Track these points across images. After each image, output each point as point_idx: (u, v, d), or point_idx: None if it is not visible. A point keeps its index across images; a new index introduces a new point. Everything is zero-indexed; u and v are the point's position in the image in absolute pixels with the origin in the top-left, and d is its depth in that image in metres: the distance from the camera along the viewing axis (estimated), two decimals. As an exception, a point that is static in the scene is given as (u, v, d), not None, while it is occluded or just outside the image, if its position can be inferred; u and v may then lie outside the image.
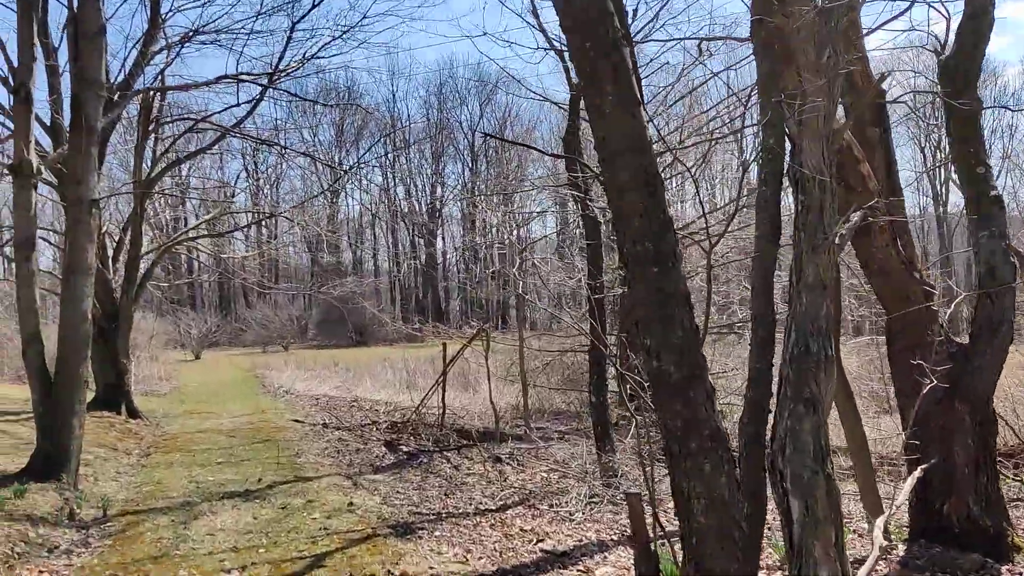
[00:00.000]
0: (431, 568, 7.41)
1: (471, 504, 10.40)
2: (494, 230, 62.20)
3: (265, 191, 67.47)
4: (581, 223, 14.45)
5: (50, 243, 21.92)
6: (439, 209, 73.81)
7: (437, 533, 8.86)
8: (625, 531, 8.96)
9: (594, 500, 10.20)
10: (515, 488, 11.24)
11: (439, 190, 74.67)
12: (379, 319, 53.71)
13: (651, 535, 6.07)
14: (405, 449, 15.05)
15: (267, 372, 33.93)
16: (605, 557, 7.84)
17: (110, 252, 19.70)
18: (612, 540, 8.54)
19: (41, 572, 7.88)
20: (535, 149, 18.58)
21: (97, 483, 11.97)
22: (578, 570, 7.37)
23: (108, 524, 9.77)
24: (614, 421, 13.30)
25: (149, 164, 20.49)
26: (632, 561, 7.56)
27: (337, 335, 56.77)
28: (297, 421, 19.28)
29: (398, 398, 23.59)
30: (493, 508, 10.11)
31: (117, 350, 18.71)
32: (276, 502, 10.57)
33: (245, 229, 41.61)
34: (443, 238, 76.03)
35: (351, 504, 10.32)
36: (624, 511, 9.85)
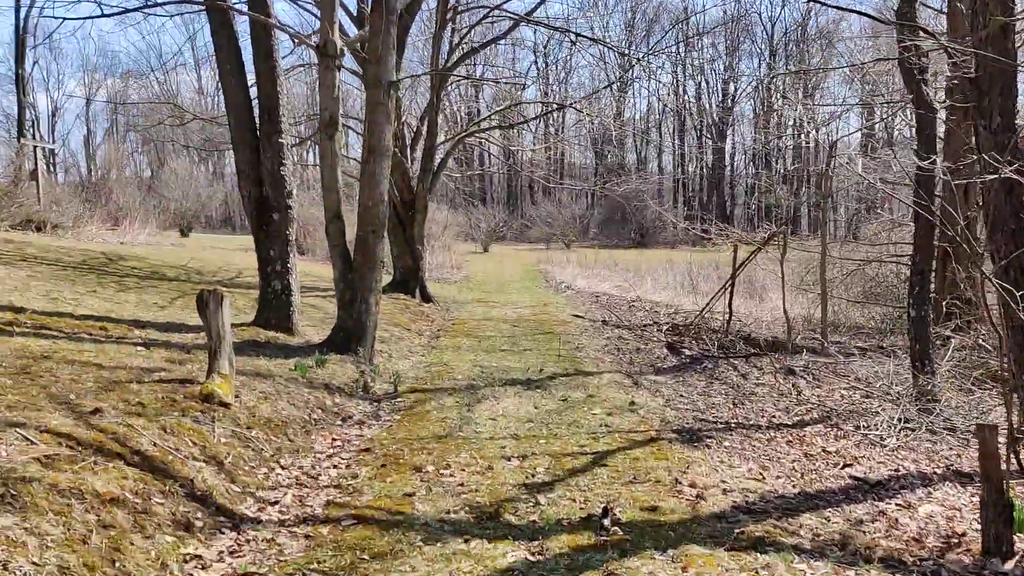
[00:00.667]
0: (723, 482, 6.70)
1: (763, 417, 9.51)
2: (789, 130, 58.25)
3: (554, 87, 67.87)
4: (906, 114, 12.50)
5: (354, 131, 23.13)
6: (731, 107, 70.33)
7: (727, 444, 8.12)
8: (950, 465, 7.67)
9: (908, 426, 8.90)
10: (812, 404, 10.16)
11: (731, 87, 70.97)
12: (661, 221, 52.72)
13: (1005, 475, 4.91)
14: (688, 352, 14.34)
15: (550, 268, 34.46)
16: (929, 493, 6.70)
17: (408, 142, 20.37)
18: (935, 474, 7.32)
19: (335, 439, 8.16)
20: (867, 15, 16.32)
21: (391, 360, 12.45)
22: (896, 504, 6.32)
23: (398, 400, 10.03)
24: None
25: (445, 54, 20.81)
26: (967, 502, 6.37)
27: (618, 235, 56.69)
28: (577, 316, 19.19)
29: (679, 301, 22.83)
30: (788, 424, 9.15)
31: (413, 237, 19.50)
32: (556, 394, 10.32)
33: (534, 121, 41.96)
34: (733, 139, 72.65)
35: (632, 403, 9.82)
36: (945, 442, 8.50)
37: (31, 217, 22.19)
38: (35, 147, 27.03)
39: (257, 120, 11.56)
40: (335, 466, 7.21)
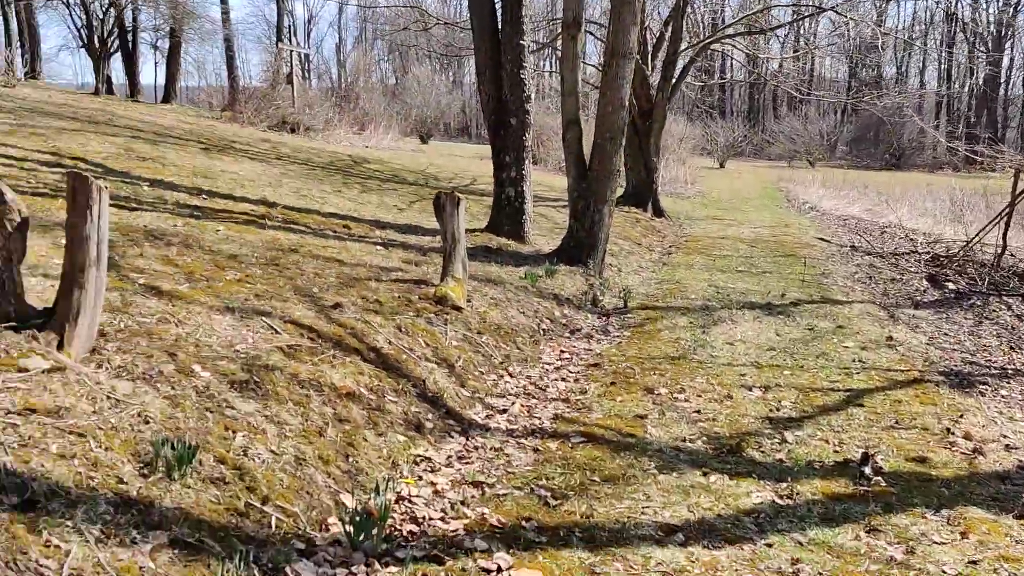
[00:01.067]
0: (1003, 436, 5.82)
1: (1049, 365, 8.26)
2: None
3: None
4: None
5: (593, 35, 22.46)
6: (1010, 17, 62.20)
7: (1003, 393, 7.10)
8: None
9: None
10: (1112, 355, 8.72)
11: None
12: (920, 142, 48.18)
13: None
14: (951, 286, 12.86)
15: (791, 187, 32.49)
16: None
17: (649, 48, 19.49)
18: None
19: (562, 351, 7.95)
20: None
21: (620, 274, 12.08)
22: None
23: (627, 315, 9.67)
24: None
25: (694, -47, 19.52)
26: None
27: (868, 156, 52.48)
28: (822, 240, 17.86)
29: (939, 230, 20.66)
30: (1083, 375, 7.88)
31: (649, 148, 18.80)
32: (801, 322, 9.53)
33: (786, 27, 39.02)
34: (1011, 52, 64.47)
35: (890, 338, 8.87)
36: None
37: (286, 119, 23.57)
38: (291, 52, 28.58)
39: (499, 22, 11.29)
40: (563, 379, 6.99)
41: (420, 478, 4.60)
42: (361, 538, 3.64)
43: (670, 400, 6.43)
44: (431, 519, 4.07)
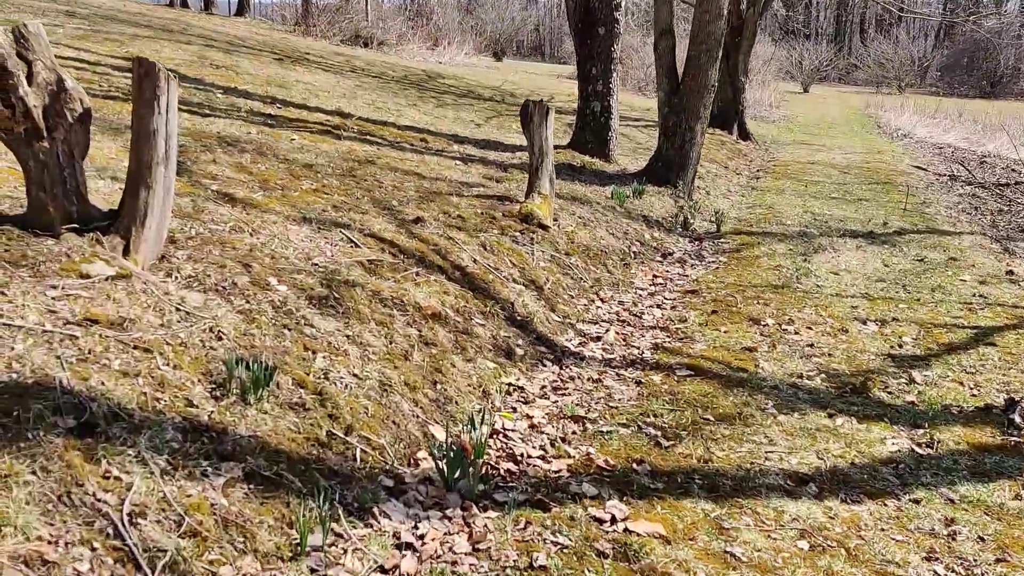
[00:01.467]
0: None
1: None
2: None
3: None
4: None
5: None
6: None
7: None
8: None
9: None
10: None
11: None
12: (1015, 69, 45.28)
13: None
14: (1068, 219, 11.85)
15: (881, 113, 30.82)
16: None
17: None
18: None
19: (655, 276, 7.38)
20: None
21: (708, 197, 11.38)
22: None
23: (721, 240, 9.02)
24: None
25: None
26: None
27: (961, 83, 49.60)
28: (918, 168, 16.76)
29: (1044, 160, 19.25)
30: None
31: (737, 66, 17.72)
32: (909, 252, 8.77)
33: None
34: None
35: (1010, 272, 8.08)
36: None
37: (359, 32, 22.94)
38: (365, -35, 27.75)
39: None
40: (659, 306, 6.43)
41: (514, 410, 4.14)
42: (456, 476, 3.19)
43: (778, 332, 5.84)
44: (530, 457, 3.61)
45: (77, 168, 3.89)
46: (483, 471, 3.37)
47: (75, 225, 3.87)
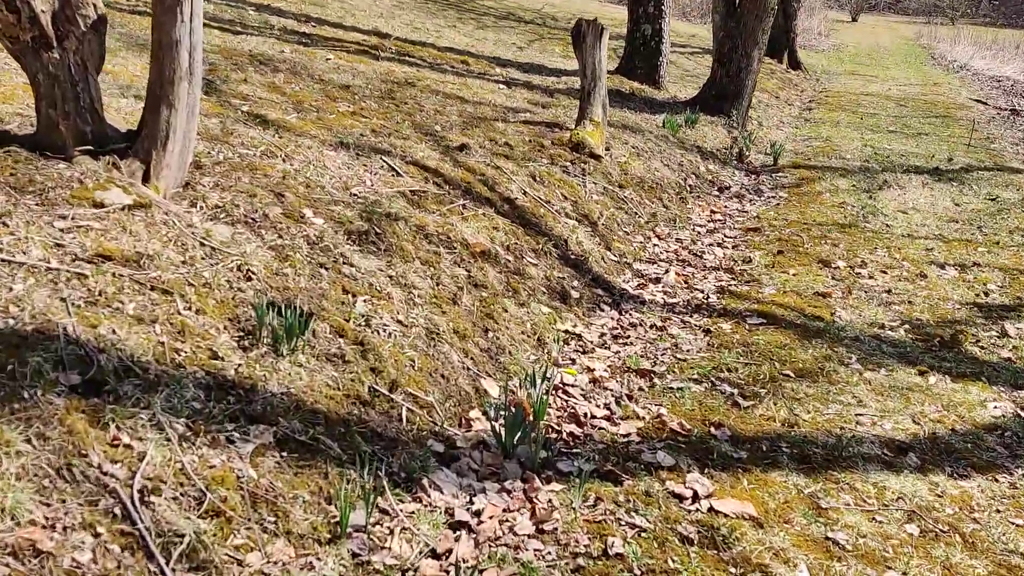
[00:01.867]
0: None
1: None
2: None
3: None
4: None
5: None
6: None
7: None
8: None
9: None
10: None
11: None
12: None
13: None
14: None
15: (934, 43, 29.41)
16: None
17: None
18: None
19: (713, 212, 6.85)
20: None
21: (761, 128, 10.72)
22: None
23: (779, 174, 8.42)
24: None
25: None
26: None
27: (1019, 14, 47.26)
28: (978, 101, 15.82)
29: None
30: None
31: (789, -10, 16.73)
32: (979, 191, 8.14)
33: None
34: None
35: (1094, 215, 7.44)
36: None
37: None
38: None
39: None
40: (719, 245, 5.93)
41: (573, 361, 3.71)
42: (515, 441, 2.78)
43: (851, 276, 5.33)
44: (594, 418, 3.19)
45: (91, 82, 3.44)
46: (544, 434, 2.95)
47: (89, 147, 3.44)
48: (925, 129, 12.13)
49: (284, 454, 2.38)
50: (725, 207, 7.01)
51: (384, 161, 4.69)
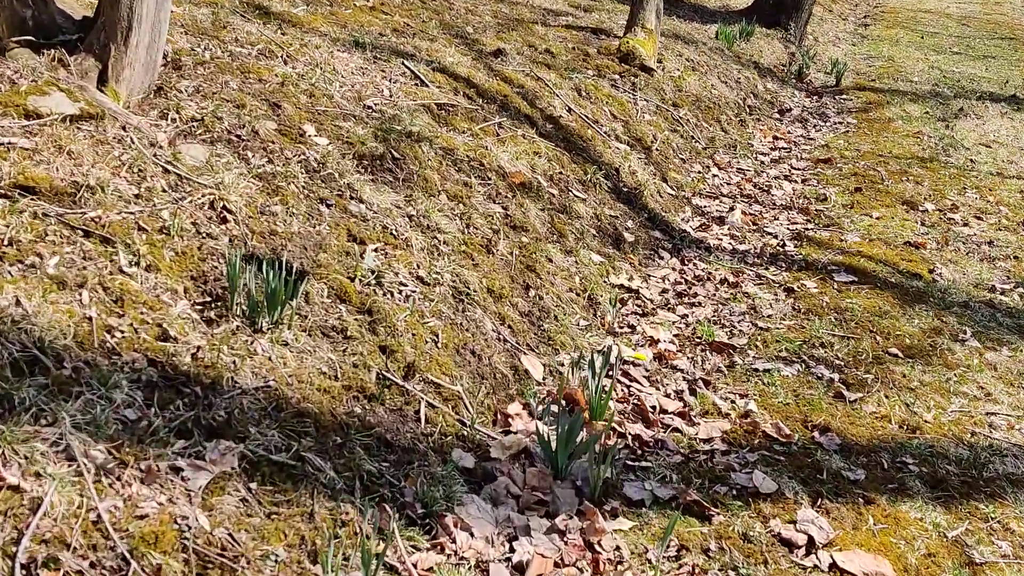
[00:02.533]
0: None
1: None
2: None
3: None
4: None
5: None
6: None
7: None
8: None
9: None
10: None
11: None
12: None
13: None
14: None
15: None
16: None
17: None
18: None
19: (776, 137, 5.97)
20: None
21: (818, 44, 9.66)
22: None
23: (843, 97, 7.47)
24: None
25: None
26: None
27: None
28: (1045, 22, 14.52)
29: None
30: None
31: None
32: (1066, 123, 7.17)
33: None
34: None
35: None
36: None
37: None
38: None
39: None
40: (787, 177, 5.09)
41: (632, 328, 2.95)
42: (568, 455, 2.05)
43: (943, 222, 4.51)
44: (665, 412, 2.45)
45: (29, -50, 2.62)
46: (604, 439, 2.22)
47: (30, 37, 2.64)
48: (992, 52, 11.01)
49: (254, 486, 1.66)
50: (788, 132, 6.12)
51: (406, 67, 3.85)
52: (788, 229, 4.19)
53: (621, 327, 2.95)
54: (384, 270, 2.41)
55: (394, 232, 2.61)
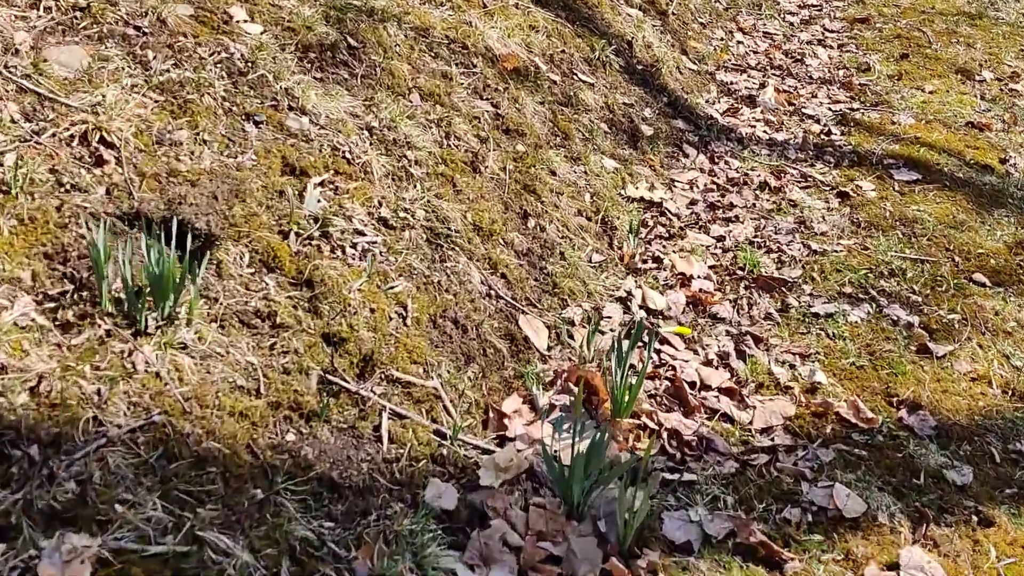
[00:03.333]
0: None
1: None
2: None
3: None
4: None
5: None
6: None
7: None
8: None
9: None
10: None
11: None
12: None
13: None
14: None
15: None
16: None
17: None
18: None
19: (803, -8, 5.07)
20: None
21: None
22: None
23: None
24: None
25: None
26: None
27: None
28: None
29: None
30: None
31: None
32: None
33: None
34: None
35: None
36: None
37: None
38: None
39: None
40: (820, 42, 4.28)
41: (658, 263, 2.29)
42: (588, 483, 1.44)
43: (1004, 94, 3.76)
44: (708, 390, 1.84)
45: None
46: (633, 443, 1.61)
47: None
48: None
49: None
50: (816, -15, 5.21)
51: (369, -80, 2.99)
52: (830, 110, 3.45)
53: (644, 260, 2.29)
54: (332, 215, 1.72)
55: (348, 155, 1.91)
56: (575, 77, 2.89)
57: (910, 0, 5.02)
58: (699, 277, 2.20)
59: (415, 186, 1.97)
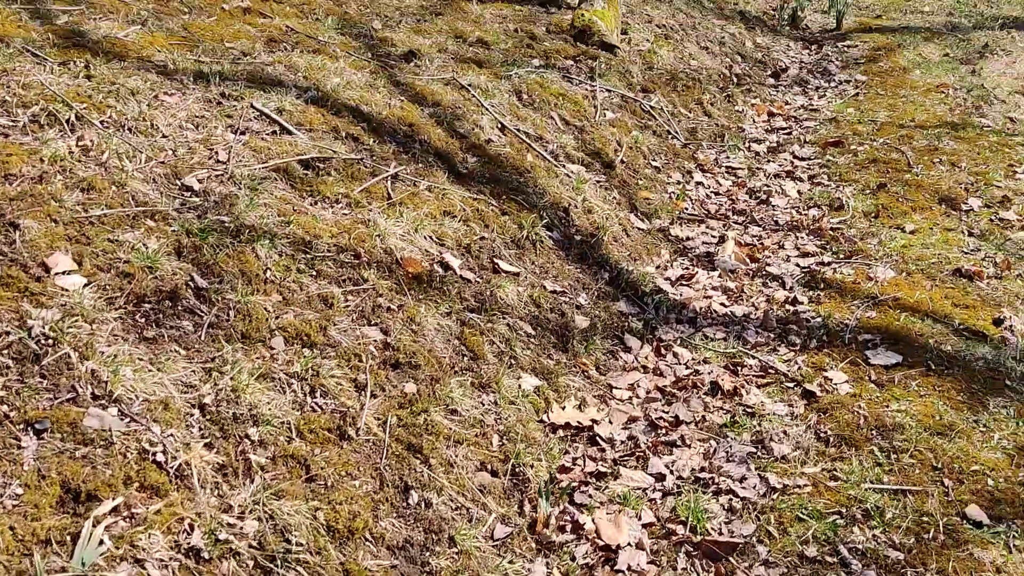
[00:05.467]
0: None
1: None
2: None
3: None
4: None
5: None
6: None
7: None
8: None
9: None
10: None
11: None
12: None
13: None
14: None
15: None
16: None
17: None
18: None
19: (771, 114, 4.79)
20: None
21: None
22: None
23: (846, 43, 6.22)
24: None
25: None
26: None
27: None
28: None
29: None
30: None
31: None
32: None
33: None
34: None
35: None
36: None
37: None
38: None
39: None
40: (789, 174, 3.94)
41: (578, 530, 1.86)
42: None
43: (994, 225, 3.40)
44: None
45: None
46: None
47: None
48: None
49: None
50: (786, 104, 4.92)
51: (262, 109, 2.70)
52: (798, 266, 3.06)
53: (561, 525, 1.86)
54: (116, 562, 1.32)
55: (161, 456, 1.52)
56: (496, 267, 2.53)
57: (887, 112, 4.71)
58: (629, 546, 1.77)
59: (252, 480, 1.57)
